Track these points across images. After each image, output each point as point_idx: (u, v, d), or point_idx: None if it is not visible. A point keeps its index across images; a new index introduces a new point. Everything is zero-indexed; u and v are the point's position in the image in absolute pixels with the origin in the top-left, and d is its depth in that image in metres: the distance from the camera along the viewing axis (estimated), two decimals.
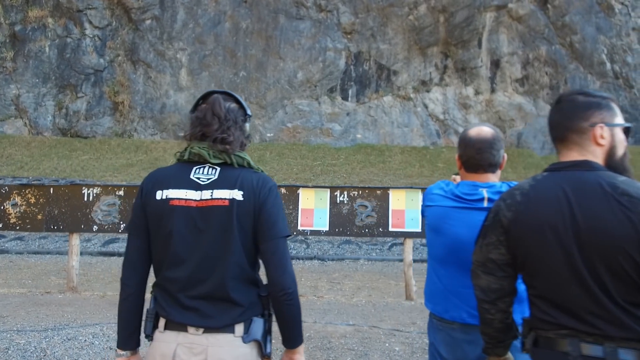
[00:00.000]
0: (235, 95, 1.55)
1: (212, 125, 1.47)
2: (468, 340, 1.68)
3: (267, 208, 1.42)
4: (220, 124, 1.47)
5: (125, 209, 6.27)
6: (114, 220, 6.29)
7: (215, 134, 1.46)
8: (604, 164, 1.27)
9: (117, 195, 6.32)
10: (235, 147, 1.48)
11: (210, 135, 1.46)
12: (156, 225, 1.43)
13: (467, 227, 1.69)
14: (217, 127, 1.46)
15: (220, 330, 1.37)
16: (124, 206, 6.29)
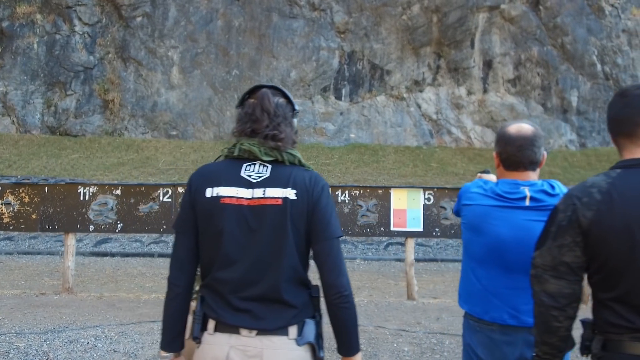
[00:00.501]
0: (282, 89, 1.49)
1: (262, 121, 1.41)
2: (507, 342, 1.65)
3: (321, 207, 1.37)
4: (271, 120, 1.41)
5: (122, 209, 6.16)
6: (110, 220, 6.17)
7: (266, 131, 1.40)
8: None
9: (114, 195, 6.20)
10: (287, 144, 1.43)
11: (261, 131, 1.40)
12: (206, 224, 1.38)
13: (509, 227, 1.65)
14: (267, 123, 1.41)
15: (274, 332, 1.32)
16: (121, 205, 6.18)
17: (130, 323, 4.60)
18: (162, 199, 6.21)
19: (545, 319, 1.28)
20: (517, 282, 1.64)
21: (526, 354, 1.64)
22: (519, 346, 1.64)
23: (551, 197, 1.67)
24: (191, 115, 16.53)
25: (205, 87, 16.59)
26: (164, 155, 15.41)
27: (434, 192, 6.17)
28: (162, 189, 6.27)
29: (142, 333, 4.28)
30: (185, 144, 16.00)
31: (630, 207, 1.19)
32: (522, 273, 1.65)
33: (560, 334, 1.28)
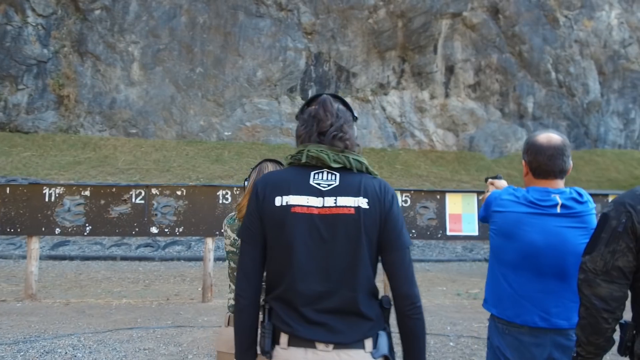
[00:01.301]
0: (341, 97, 1.46)
1: (326, 120, 1.38)
2: (536, 344, 1.70)
3: (393, 217, 1.35)
4: (334, 120, 1.38)
5: (91, 210, 5.88)
6: (78, 222, 5.88)
7: (331, 130, 1.37)
8: None
9: (82, 196, 5.90)
10: (353, 145, 1.39)
11: (326, 130, 1.37)
12: (276, 234, 1.32)
13: (542, 233, 1.69)
14: (332, 121, 1.38)
15: (351, 346, 1.28)
16: (90, 207, 5.89)
17: (106, 331, 4.40)
18: (135, 201, 5.98)
19: (595, 321, 1.32)
20: (548, 285, 1.70)
21: (554, 354, 1.69)
22: (547, 347, 1.69)
23: (580, 205, 1.73)
24: (152, 113, 16.03)
25: (168, 85, 16.14)
26: (123, 154, 14.86)
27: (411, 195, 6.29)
28: (135, 190, 6.03)
29: (121, 341, 4.09)
30: (146, 143, 15.49)
31: None
32: (553, 277, 1.70)
33: (607, 335, 1.34)
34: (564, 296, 1.69)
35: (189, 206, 6.02)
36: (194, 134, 16.13)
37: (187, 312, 5.27)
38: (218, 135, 16.12)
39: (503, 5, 16.46)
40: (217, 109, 16.20)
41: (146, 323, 4.76)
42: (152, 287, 6.97)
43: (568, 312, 1.69)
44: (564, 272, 1.69)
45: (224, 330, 1.87)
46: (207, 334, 4.38)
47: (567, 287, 1.70)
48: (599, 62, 17.07)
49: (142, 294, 6.35)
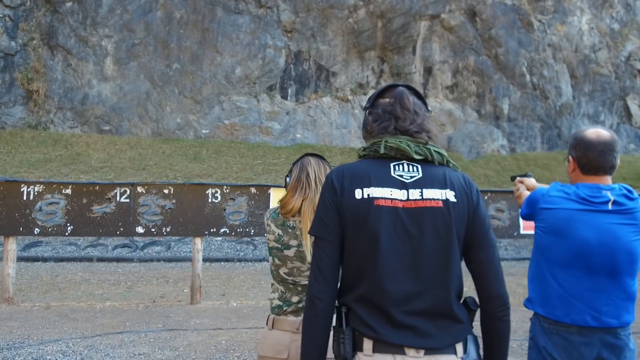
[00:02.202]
0: (414, 88, 1.37)
1: (405, 119, 1.30)
2: (585, 343, 1.67)
3: (481, 212, 1.26)
4: (413, 118, 1.29)
5: (73, 210, 5.62)
6: (59, 221, 5.60)
7: (412, 127, 1.28)
8: None
9: (63, 194, 5.63)
10: (435, 139, 1.31)
11: (405, 129, 1.28)
12: (357, 229, 1.22)
13: (594, 230, 1.66)
14: (411, 121, 1.30)
15: (443, 351, 1.19)
16: (71, 206, 5.63)
17: (95, 335, 4.19)
18: (119, 200, 5.74)
19: None
20: (599, 284, 1.66)
21: (602, 353, 1.66)
22: (596, 346, 1.66)
23: (631, 201, 1.70)
24: (126, 110, 15.58)
25: (143, 80, 15.71)
26: (96, 151, 14.37)
27: None
28: (119, 188, 5.79)
29: (113, 346, 3.90)
30: (120, 140, 15.03)
31: None
32: (604, 275, 1.67)
33: None
34: (614, 294, 1.67)
35: (177, 205, 5.82)
36: (170, 132, 15.75)
37: (177, 315, 5.09)
38: (195, 133, 15.80)
39: (480, 8, 16.74)
40: (195, 106, 15.87)
41: (135, 327, 4.56)
42: (135, 289, 6.72)
43: (618, 311, 1.66)
44: (615, 270, 1.66)
45: (268, 334, 1.76)
46: (202, 338, 4.23)
47: (618, 285, 1.67)
48: (571, 65, 17.58)
49: (126, 297, 6.11)
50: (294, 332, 1.69)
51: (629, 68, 19.34)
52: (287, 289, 1.78)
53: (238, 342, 4.10)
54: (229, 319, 4.94)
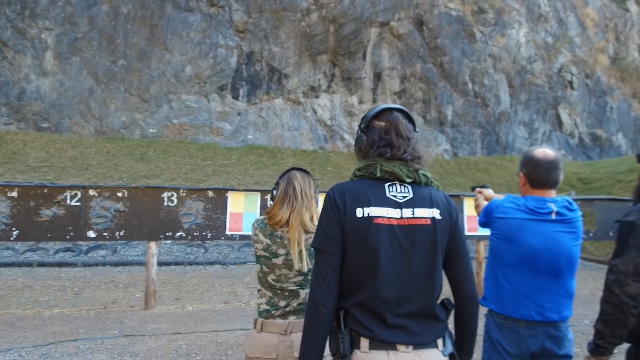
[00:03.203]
0: (406, 110, 1.52)
1: (400, 147, 1.45)
2: (531, 335, 1.92)
3: (459, 227, 1.45)
4: (407, 145, 1.45)
5: (19, 213, 5.37)
6: (3, 225, 5.34)
7: (406, 156, 1.43)
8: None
9: (8, 197, 5.37)
10: (425, 164, 1.47)
11: (400, 157, 1.43)
12: (358, 244, 1.36)
13: (540, 237, 1.91)
14: (405, 148, 1.45)
15: (428, 346, 1.37)
16: (17, 209, 5.38)
17: (47, 344, 4.06)
18: (69, 203, 5.55)
19: (623, 316, 1.52)
20: (543, 283, 1.92)
21: (546, 343, 1.92)
22: (541, 338, 1.92)
23: (571, 212, 1.96)
24: (67, 107, 14.88)
25: (86, 76, 15.07)
26: (34, 150, 13.63)
27: None
28: (70, 191, 5.60)
29: (69, 354, 3.81)
30: (61, 139, 14.33)
31: None
32: (548, 276, 1.92)
33: (629, 328, 1.54)
34: (556, 292, 1.92)
35: (131, 209, 5.71)
36: (115, 130, 15.20)
37: (132, 321, 5.01)
38: (142, 132, 15.34)
39: (427, 17, 17.44)
40: (142, 104, 15.41)
41: (90, 334, 4.46)
42: (84, 295, 6.50)
43: (559, 307, 1.92)
44: (557, 272, 1.92)
45: (257, 336, 1.86)
46: (161, 343, 4.21)
47: (559, 284, 1.93)
48: (509, 75, 18.69)
49: (75, 303, 5.91)
50: (282, 334, 1.80)
51: (560, 79, 20.83)
52: (275, 294, 1.89)
53: (199, 346, 4.12)
54: (186, 323, 4.93)
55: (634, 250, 1.53)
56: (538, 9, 20.72)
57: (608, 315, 1.56)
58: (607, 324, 1.57)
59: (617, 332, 1.56)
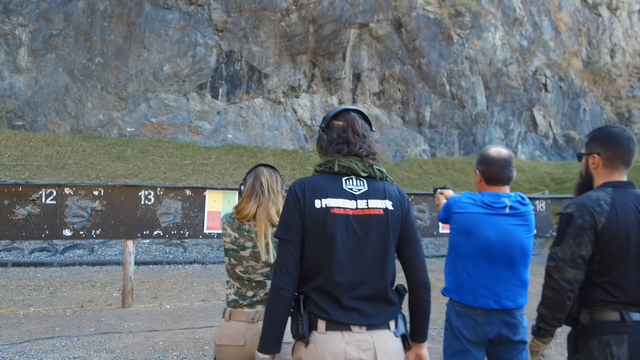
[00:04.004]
0: (362, 111, 1.63)
1: (355, 144, 1.57)
2: (488, 322, 2.05)
3: (411, 216, 1.56)
4: (362, 142, 1.55)
5: None
6: None
7: (361, 151, 1.53)
8: None
9: None
10: (380, 160, 1.58)
11: (355, 152, 1.53)
12: (316, 233, 1.47)
13: (495, 230, 2.04)
14: (360, 144, 1.56)
15: (380, 327, 1.48)
16: None
17: (23, 341, 4.05)
18: (45, 201, 5.52)
19: (561, 299, 1.65)
20: (499, 273, 2.04)
21: (502, 330, 2.05)
22: (497, 325, 2.05)
23: (523, 206, 2.10)
24: (43, 105, 14.63)
25: (61, 74, 14.84)
26: (8, 148, 13.38)
27: None
28: (45, 189, 5.57)
29: (45, 351, 3.81)
30: (36, 137, 14.09)
31: (627, 216, 1.63)
32: (503, 266, 2.05)
33: (567, 310, 1.68)
34: (511, 282, 2.06)
35: (108, 207, 5.70)
36: (91, 129, 15.00)
37: (109, 319, 5.01)
38: (120, 131, 15.18)
39: (405, 20, 17.68)
40: (119, 102, 15.25)
41: (66, 331, 4.46)
42: (60, 294, 6.46)
43: (514, 296, 2.05)
44: (512, 262, 2.05)
45: (226, 324, 1.94)
46: (138, 339, 4.24)
47: (514, 274, 2.06)
48: (485, 77, 19.08)
49: (51, 302, 5.87)
50: (250, 322, 1.89)
51: (535, 82, 21.36)
52: (243, 285, 1.98)
53: (176, 342, 4.16)
54: (164, 321, 4.96)
55: (571, 239, 1.66)
56: (513, 13, 21.21)
57: (548, 299, 1.69)
58: (547, 307, 1.69)
59: (556, 314, 1.68)
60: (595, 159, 1.77)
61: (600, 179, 1.77)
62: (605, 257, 1.64)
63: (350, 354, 1.42)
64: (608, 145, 1.75)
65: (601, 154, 1.76)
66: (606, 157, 1.75)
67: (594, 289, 1.67)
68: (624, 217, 1.63)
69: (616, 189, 1.70)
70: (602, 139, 1.78)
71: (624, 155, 1.73)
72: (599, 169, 1.77)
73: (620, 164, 1.73)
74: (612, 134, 1.76)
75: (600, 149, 1.77)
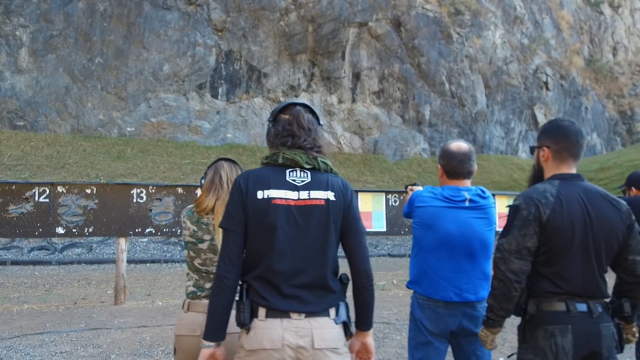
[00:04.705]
0: (310, 105, 1.67)
1: (300, 136, 1.60)
2: (450, 314, 2.07)
3: (353, 207, 1.60)
4: (307, 135, 1.59)
5: None
6: None
7: (305, 144, 1.58)
8: None
9: None
10: (325, 153, 1.61)
11: (300, 145, 1.57)
12: (258, 222, 1.51)
13: (455, 223, 2.07)
14: (305, 137, 1.60)
15: (319, 314, 1.51)
16: None
17: (12, 337, 4.11)
18: (38, 200, 5.59)
19: (508, 290, 1.67)
20: (459, 266, 2.07)
21: (463, 322, 2.08)
22: (459, 317, 2.07)
23: (483, 199, 2.13)
24: (43, 105, 14.75)
25: (62, 74, 14.95)
26: (9, 148, 13.50)
27: None
28: (38, 187, 5.64)
29: (33, 346, 3.87)
30: (37, 137, 14.21)
31: (572, 208, 1.66)
32: (463, 259, 2.08)
33: (515, 302, 1.70)
34: (472, 275, 2.08)
35: (100, 205, 5.77)
36: (92, 129, 15.11)
37: (100, 315, 5.07)
38: (120, 130, 15.28)
39: (405, 19, 17.68)
40: (119, 102, 15.34)
41: (56, 327, 4.52)
42: (55, 291, 6.53)
43: (475, 288, 2.08)
44: (472, 254, 2.08)
45: (184, 316, 1.97)
46: (126, 335, 4.29)
47: (475, 267, 2.08)
48: (485, 76, 19.05)
49: (45, 299, 5.94)
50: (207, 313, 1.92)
51: (536, 80, 21.31)
52: (201, 277, 2.02)
53: (163, 338, 4.21)
54: (154, 317, 5.01)
55: (517, 230, 1.68)
56: (514, 11, 21.16)
57: (496, 290, 1.71)
58: (495, 297, 1.72)
59: (503, 305, 1.70)
60: (545, 152, 1.80)
61: (550, 171, 1.80)
62: (551, 249, 1.66)
63: (288, 340, 1.45)
64: (557, 138, 1.78)
65: (550, 146, 1.79)
66: (555, 150, 1.78)
67: (540, 280, 1.69)
68: (569, 209, 1.65)
69: (563, 181, 1.72)
70: (551, 132, 1.80)
71: (572, 148, 1.75)
72: (548, 162, 1.80)
73: (568, 157, 1.76)
74: (561, 127, 1.78)
75: (549, 142, 1.80)
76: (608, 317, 1.69)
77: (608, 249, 1.67)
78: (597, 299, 1.67)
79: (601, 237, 1.66)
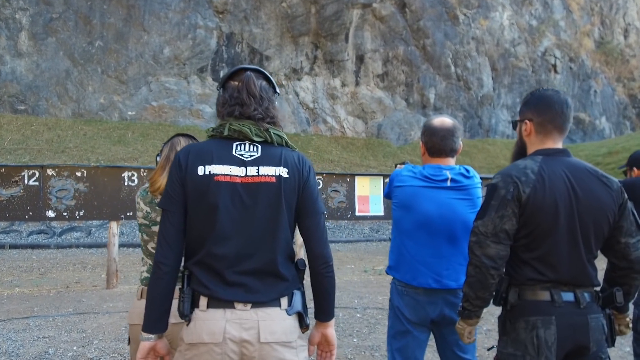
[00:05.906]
0: (264, 71, 1.49)
1: (249, 105, 1.42)
2: (430, 302, 1.92)
3: (310, 185, 1.43)
4: (258, 104, 1.42)
5: None
6: None
7: (255, 114, 1.41)
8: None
9: None
10: (278, 124, 1.45)
11: (249, 115, 1.41)
12: (198, 201, 1.34)
13: (434, 204, 1.90)
14: (255, 106, 1.42)
15: (268, 304, 1.35)
16: None
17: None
18: (28, 182, 5.50)
19: (484, 277, 1.51)
20: (439, 251, 1.91)
21: (444, 310, 1.92)
22: (439, 305, 1.92)
23: (467, 179, 1.96)
24: (44, 89, 14.65)
25: (62, 58, 14.81)
26: (9, 132, 13.45)
27: (323, 178, 6.50)
28: (28, 170, 5.54)
29: (17, 330, 3.80)
30: (37, 121, 14.14)
31: (556, 186, 1.48)
32: (444, 243, 1.92)
33: (492, 290, 1.54)
34: (454, 260, 1.91)
35: (91, 188, 5.67)
36: (92, 113, 15.00)
37: (90, 299, 5.01)
38: (120, 114, 15.16)
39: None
40: (120, 86, 15.20)
41: (44, 312, 4.45)
42: (49, 275, 6.48)
43: (457, 274, 1.91)
44: (454, 238, 1.91)
45: (137, 303, 1.83)
46: (113, 320, 4.21)
47: (456, 252, 1.91)
48: (492, 58, 18.64)
49: (38, 283, 5.89)
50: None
51: (544, 62, 20.84)
52: None
53: None
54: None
55: (493, 211, 1.51)
56: None
57: (471, 277, 1.54)
58: (470, 285, 1.55)
59: (478, 293, 1.53)
60: (527, 125, 1.63)
61: (533, 146, 1.63)
62: (533, 231, 1.49)
63: (231, 333, 1.30)
64: (539, 109, 1.60)
65: (533, 119, 1.61)
66: (538, 122, 1.60)
67: (522, 267, 1.52)
68: (552, 187, 1.48)
69: (547, 157, 1.55)
70: (533, 104, 1.62)
71: (556, 119, 1.58)
72: (531, 136, 1.63)
73: (552, 130, 1.58)
74: (543, 97, 1.60)
75: (532, 114, 1.62)
76: (597, 307, 1.52)
77: (597, 231, 1.50)
78: (586, 287, 1.50)
79: (589, 218, 1.48)
